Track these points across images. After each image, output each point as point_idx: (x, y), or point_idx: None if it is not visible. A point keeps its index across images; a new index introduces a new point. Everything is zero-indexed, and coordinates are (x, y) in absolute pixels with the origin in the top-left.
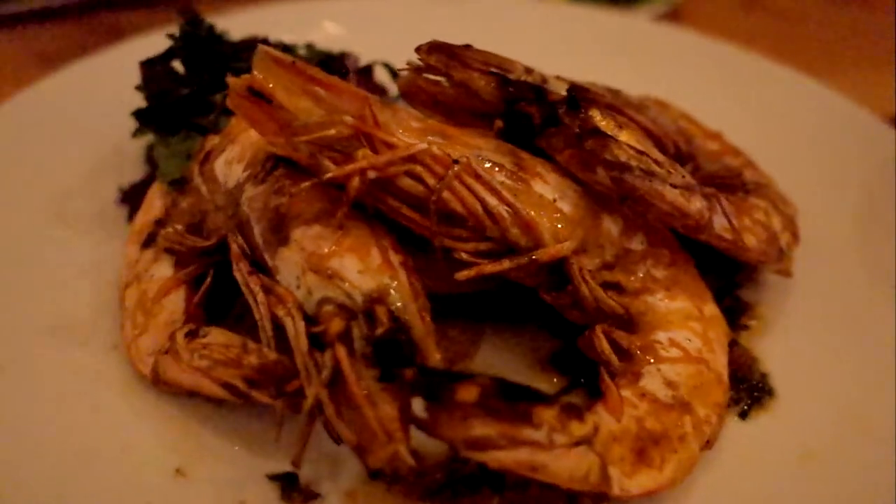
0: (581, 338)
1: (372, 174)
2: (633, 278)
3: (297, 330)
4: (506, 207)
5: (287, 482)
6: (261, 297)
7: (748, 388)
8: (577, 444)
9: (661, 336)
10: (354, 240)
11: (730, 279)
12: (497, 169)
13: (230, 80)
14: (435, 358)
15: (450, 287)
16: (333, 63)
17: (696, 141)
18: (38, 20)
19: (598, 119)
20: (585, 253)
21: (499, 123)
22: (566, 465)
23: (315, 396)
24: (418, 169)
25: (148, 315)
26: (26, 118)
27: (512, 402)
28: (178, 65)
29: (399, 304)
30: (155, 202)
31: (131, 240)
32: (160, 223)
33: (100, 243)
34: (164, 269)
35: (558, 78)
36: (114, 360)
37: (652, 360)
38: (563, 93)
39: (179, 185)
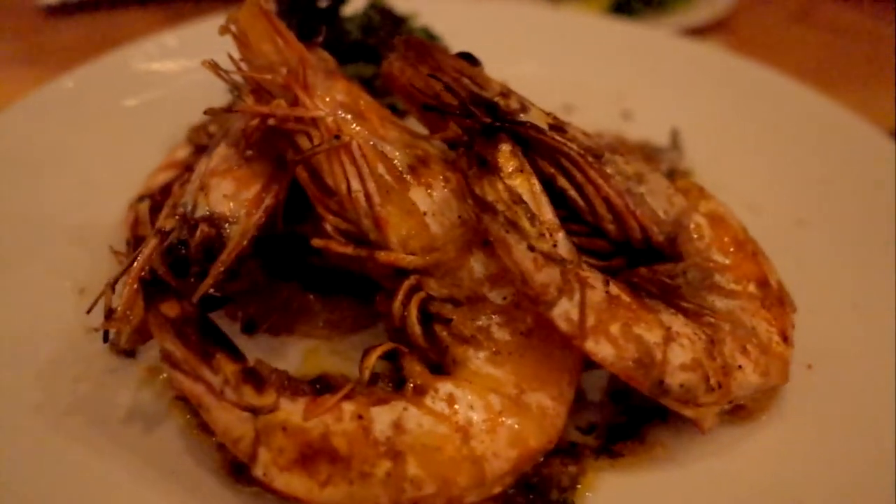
0: (370, 348)
1: (272, 122)
2: (468, 324)
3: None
4: (365, 196)
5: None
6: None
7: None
8: (244, 408)
9: (445, 387)
10: (247, 171)
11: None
12: (383, 162)
13: (230, 13)
14: (206, 284)
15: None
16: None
17: (697, 244)
18: (99, 8)
19: (502, 154)
20: (433, 278)
21: (455, 129)
22: (224, 419)
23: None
24: (313, 132)
25: None
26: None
27: (203, 338)
28: None
29: (228, 232)
30: None
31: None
32: None
33: None
34: None
35: (554, 118)
36: None
37: (409, 400)
38: (542, 125)
39: None
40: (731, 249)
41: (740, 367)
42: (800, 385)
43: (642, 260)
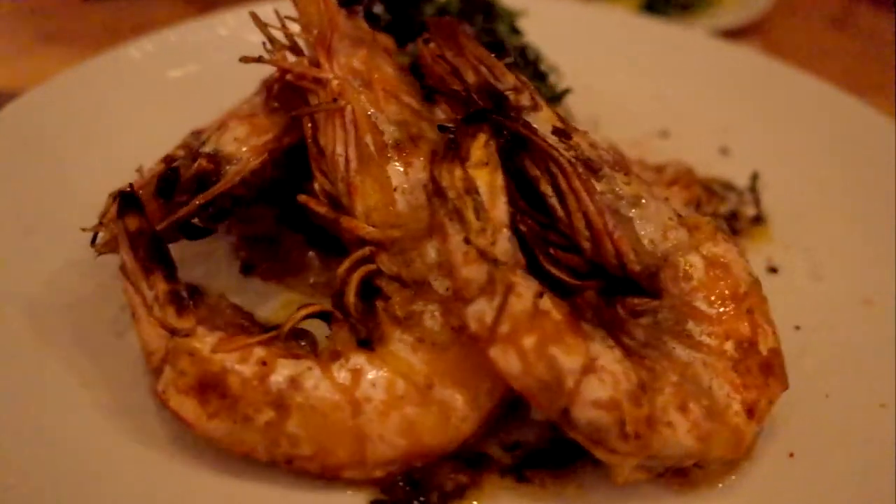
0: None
1: (289, 77)
2: (404, 305)
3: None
4: (345, 161)
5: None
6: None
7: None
8: (164, 327)
9: (358, 360)
10: (266, 121)
11: None
12: (372, 132)
13: None
14: (182, 211)
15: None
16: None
17: (682, 285)
18: None
19: (475, 143)
20: (388, 253)
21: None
22: (146, 332)
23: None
24: (320, 93)
25: None
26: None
27: (150, 254)
28: None
29: (227, 170)
30: None
31: None
32: None
33: None
34: None
35: (563, 122)
36: None
37: (318, 362)
38: (546, 125)
39: None
40: (721, 301)
41: (669, 423)
42: (771, 470)
43: (622, 288)
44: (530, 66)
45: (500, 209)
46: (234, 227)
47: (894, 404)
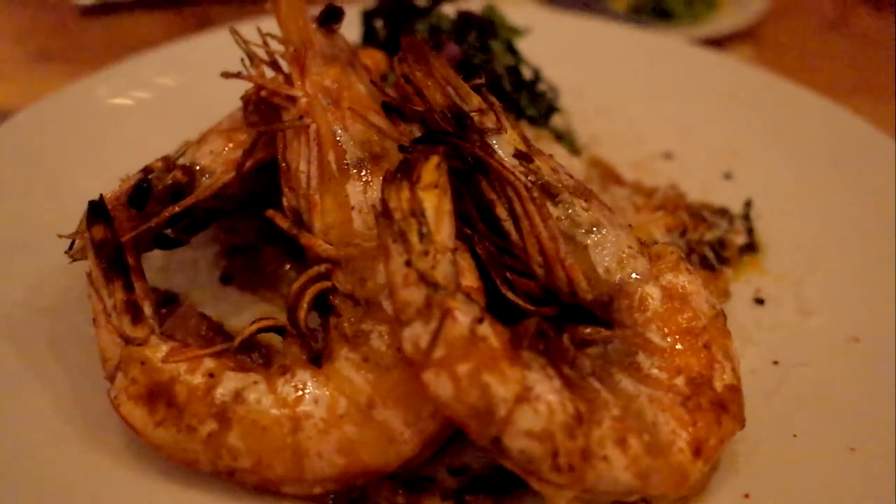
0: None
1: (264, 93)
2: (353, 323)
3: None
4: (306, 179)
5: None
6: None
7: None
8: (119, 334)
9: (303, 376)
10: (245, 136)
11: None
12: (335, 150)
13: None
14: (151, 222)
15: None
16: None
17: (636, 315)
18: (130, 10)
19: (427, 166)
20: (342, 272)
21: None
22: (104, 338)
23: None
24: (291, 109)
25: None
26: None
27: (112, 264)
28: None
29: (201, 183)
30: None
31: None
32: None
33: None
34: None
35: (527, 145)
36: None
37: (265, 376)
38: (507, 148)
39: None
40: (676, 334)
41: (605, 457)
42: None
43: (577, 316)
44: (524, 86)
45: (444, 233)
46: (218, 238)
47: (866, 449)
